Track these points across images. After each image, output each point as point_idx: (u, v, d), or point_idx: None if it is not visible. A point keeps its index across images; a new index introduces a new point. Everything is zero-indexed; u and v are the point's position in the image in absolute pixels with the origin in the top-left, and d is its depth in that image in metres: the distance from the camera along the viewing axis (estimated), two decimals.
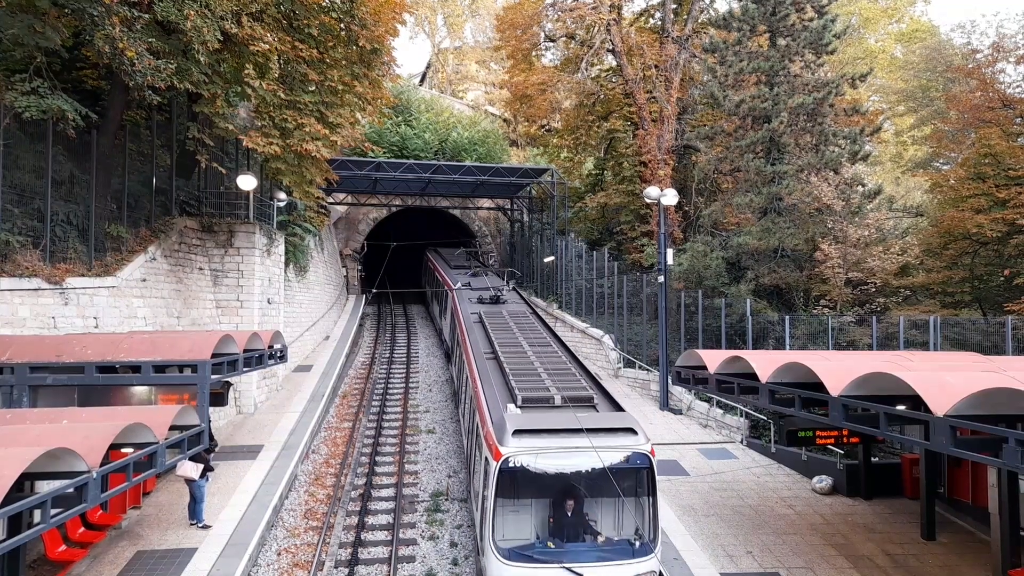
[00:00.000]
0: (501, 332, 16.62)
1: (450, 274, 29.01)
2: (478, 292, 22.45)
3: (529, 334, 16.53)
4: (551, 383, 11.99)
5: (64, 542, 10.83)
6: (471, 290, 23.08)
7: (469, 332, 17.07)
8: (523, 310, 20.53)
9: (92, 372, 10.83)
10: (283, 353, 15.11)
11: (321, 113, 16.85)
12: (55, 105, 12.36)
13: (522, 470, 9.25)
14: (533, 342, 15.64)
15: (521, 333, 16.58)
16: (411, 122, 42.06)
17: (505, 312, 19.35)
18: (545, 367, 13.21)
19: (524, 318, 18.88)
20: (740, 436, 18.32)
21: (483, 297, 21.46)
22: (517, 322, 17.97)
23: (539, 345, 15.42)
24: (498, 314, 18.91)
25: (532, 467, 9.26)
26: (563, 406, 10.89)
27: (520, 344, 15.31)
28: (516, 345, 15.16)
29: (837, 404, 8.93)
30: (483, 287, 23.65)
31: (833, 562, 11.63)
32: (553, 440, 9.43)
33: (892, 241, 24.82)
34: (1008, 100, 24.26)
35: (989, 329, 18.12)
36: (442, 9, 62.96)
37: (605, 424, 9.90)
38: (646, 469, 9.56)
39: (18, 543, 6.29)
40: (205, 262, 19.09)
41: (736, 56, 25.17)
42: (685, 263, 24.82)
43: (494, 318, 18.34)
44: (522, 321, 18.28)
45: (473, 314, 19.21)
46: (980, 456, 7.39)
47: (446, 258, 35.38)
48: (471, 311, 19.63)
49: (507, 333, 16.61)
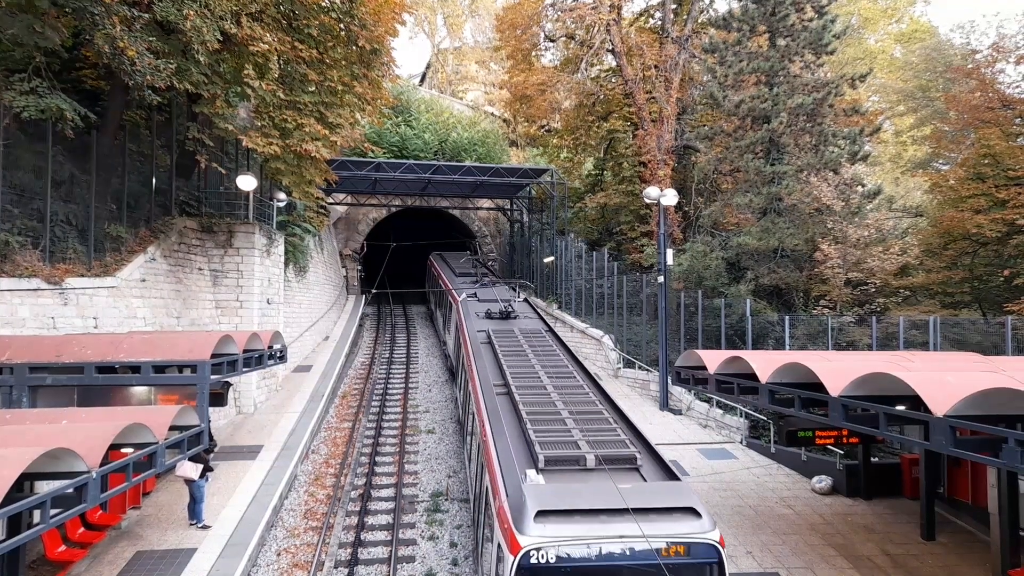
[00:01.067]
0: (514, 357, 14.35)
1: (455, 283, 27.08)
2: (486, 304, 20.18)
3: (547, 360, 14.19)
4: (580, 434, 9.62)
5: (64, 542, 10.84)
6: (478, 302, 20.97)
7: (476, 356, 14.79)
8: (537, 327, 17.92)
9: (92, 372, 10.82)
10: (283, 353, 15.10)
11: (321, 113, 16.84)
12: (54, 105, 12.36)
13: (547, 569, 7.03)
14: (553, 372, 13.26)
15: (537, 359, 14.23)
16: (411, 122, 42.09)
17: (517, 331, 16.91)
18: (570, 409, 10.86)
19: (539, 338, 16.39)
20: (740, 436, 18.32)
21: (492, 311, 19.07)
22: (532, 343, 15.68)
23: (560, 376, 13.06)
24: (509, 333, 16.62)
25: (562, 565, 7.05)
26: (598, 469, 8.61)
27: (537, 374, 12.99)
28: (532, 376, 12.91)
29: (837, 404, 8.93)
30: (491, 299, 21.30)
31: (833, 562, 11.62)
32: (589, 525, 7.23)
33: (892, 241, 24.82)
34: (1008, 100, 24.26)
35: (989, 329, 18.12)
36: (442, 9, 62.98)
37: (658, 501, 7.64)
38: (714, 565, 7.37)
39: (18, 543, 6.29)
40: (205, 262, 19.08)
41: (736, 56, 25.18)
42: (685, 263, 24.83)
43: (505, 338, 16.09)
44: (537, 342, 15.91)
45: (480, 332, 16.98)
46: (980, 456, 7.38)
47: (451, 264, 33.59)
48: (478, 328, 17.41)
49: (521, 359, 14.28)
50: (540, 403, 11.13)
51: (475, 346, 15.69)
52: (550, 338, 16.75)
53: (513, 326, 17.64)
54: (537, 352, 14.78)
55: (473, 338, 16.43)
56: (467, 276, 28.61)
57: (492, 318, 18.73)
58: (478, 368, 13.71)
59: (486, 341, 16.16)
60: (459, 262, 33.69)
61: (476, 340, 16.22)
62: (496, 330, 16.86)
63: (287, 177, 17.83)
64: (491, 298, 21.39)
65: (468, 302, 20.90)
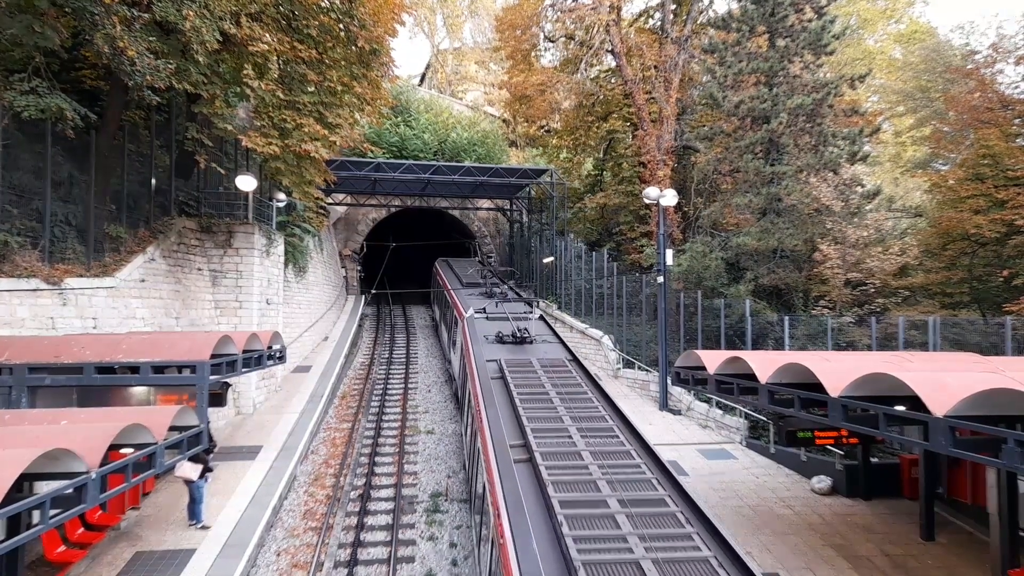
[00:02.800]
0: (534, 403, 11.11)
1: (461, 295, 24.13)
2: (497, 324, 17.14)
3: (576, 406, 10.91)
4: (631, 527, 6.87)
5: (63, 543, 10.84)
6: (487, 321, 17.90)
7: (487, 399, 11.56)
8: (558, 356, 14.70)
9: (91, 373, 10.81)
10: (282, 354, 15.10)
11: (320, 113, 16.85)
12: (54, 104, 12.35)
13: None
14: (586, 427, 9.95)
15: (563, 404, 11.01)
16: (410, 123, 42.10)
17: (535, 362, 13.71)
18: (613, 487, 7.82)
19: (563, 374, 13.02)
20: (739, 437, 18.33)
21: (504, 335, 15.87)
22: (555, 381, 12.38)
23: (596, 433, 9.80)
24: (526, 366, 13.42)
25: None
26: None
27: (566, 430, 9.83)
28: (561, 433, 9.73)
29: (836, 405, 8.93)
30: (502, 316, 18.21)
31: (832, 563, 11.62)
32: None
33: (891, 242, 24.84)
34: (1007, 101, 24.28)
35: (988, 330, 18.12)
36: (441, 10, 62.95)
37: None
38: None
39: (17, 544, 6.28)
40: (204, 263, 19.07)
41: (735, 57, 25.19)
42: (684, 264, 24.83)
43: (521, 373, 12.85)
44: (562, 380, 12.47)
45: (491, 362, 13.95)
46: (979, 456, 7.38)
47: (458, 273, 30.79)
48: (488, 357, 14.31)
49: (544, 405, 11.03)
50: (576, 480, 8.08)
51: (485, 383, 12.61)
52: (576, 372, 13.32)
53: (530, 355, 14.60)
54: (563, 394, 11.60)
55: (482, 371, 13.35)
56: (475, 287, 25.65)
57: (504, 343, 15.78)
58: (489, 418, 10.55)
59: (498, 375, 13.19)
60: (467, 271, 30.68)
61: (486, 374, 13.21)
62: (510, 361, 13.76)
63: (286, 177, 17.83)
64: (502, 315, 18.33)
65: (476, 321, 17.88)
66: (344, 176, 30.09)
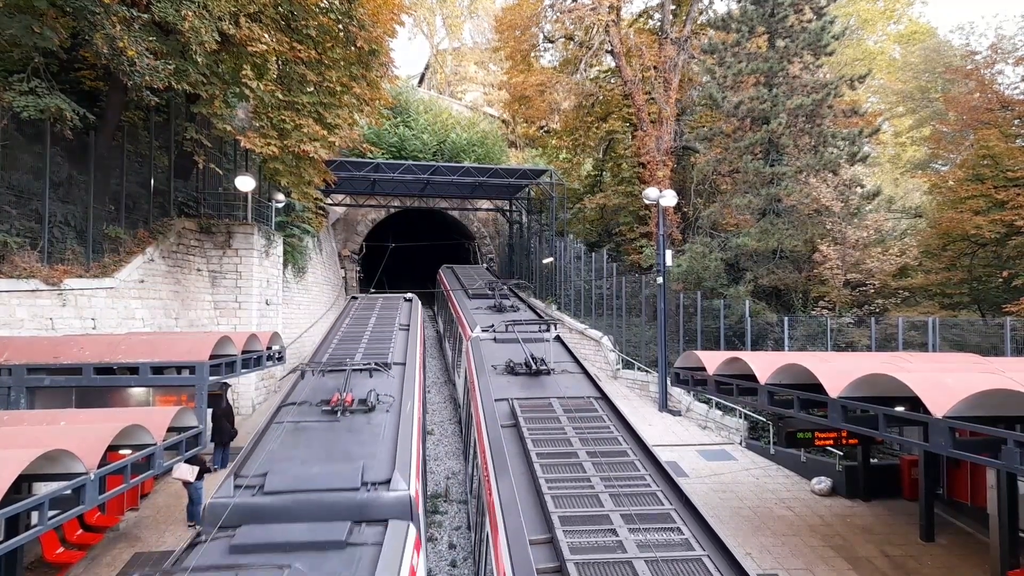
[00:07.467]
0: (555, 460, 8.20)
1: (466, 308, 21.15)
2: (507, 350, 13.93)
3: (608, 464, 8.02)
4: None
5: (62, 544, 10.82)
6: (496, 343, 14.91)
7: (498, 462, 8.50)
8: (582, 392, 11.43)
9: (90, 373, 10.78)
10: (281, 354, 15.06)
11: (319, 114, 16.84)
12: (54, 105, 12.35)
13: None
14: (622, 493, 7.17)
15: (593, 461, 8.12)
16: (410, 123, 42.08)
17: (557, 405, 10.59)
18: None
19: (591, 418, 9.87)
20: (739, 437, 18.32)
21: (515, 365, 12.61)
22: (583, 434, 9.13)
23: (634, 497, 7.07)
24: (544, 408, 10.51)
25: None
26: None
27: (597, 496, 7.15)
28: (591, 502, 7.04)
29: (836, 405, 8.92)
30: (512, 338, 14.85)
31: (832, 564, 11.61)
32: None
33: (891, 242, 24.86)
34: (1007, 101, 24.31)
35: (988, 330, 18.13)
36: (441, 10, 62.96)
37: None
38: None
39: (16, 545, 6.26)
40: (203, 263, 19.05)
41: (735, 57, 25.20)
42: (684, 264, 24.82)
43: (539, 419, 9.88)
44: (591, 431, 9.29)
45: (501, 401, 10.87)
46: (979, 457, 7.38)
47: (463, 282, 27.93)
48: (497, 395, 11.21)
49: (567, 463, 8.15)
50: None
51: (494, 435, 9.50)
52: (609, 419, 9.93)
53: (549, 392, 11.47)
54: (594, 453, 8.36)
55: (490, 418, 10.17)
56: (482, 299, 22.74)
57: (516, 374, 12.56)
58: (502, 495, 7.47)
59: (510, 423, 9.97)
60: (473, 282, 27.76)
61: (495, 421, 10.00)
62: (523, 401, 10.86)
63: (285, 178, 17.82)
64: (512, 338, 15.04)
65: (483, 344, 14.92)
66: (343, 176, 30.06)
